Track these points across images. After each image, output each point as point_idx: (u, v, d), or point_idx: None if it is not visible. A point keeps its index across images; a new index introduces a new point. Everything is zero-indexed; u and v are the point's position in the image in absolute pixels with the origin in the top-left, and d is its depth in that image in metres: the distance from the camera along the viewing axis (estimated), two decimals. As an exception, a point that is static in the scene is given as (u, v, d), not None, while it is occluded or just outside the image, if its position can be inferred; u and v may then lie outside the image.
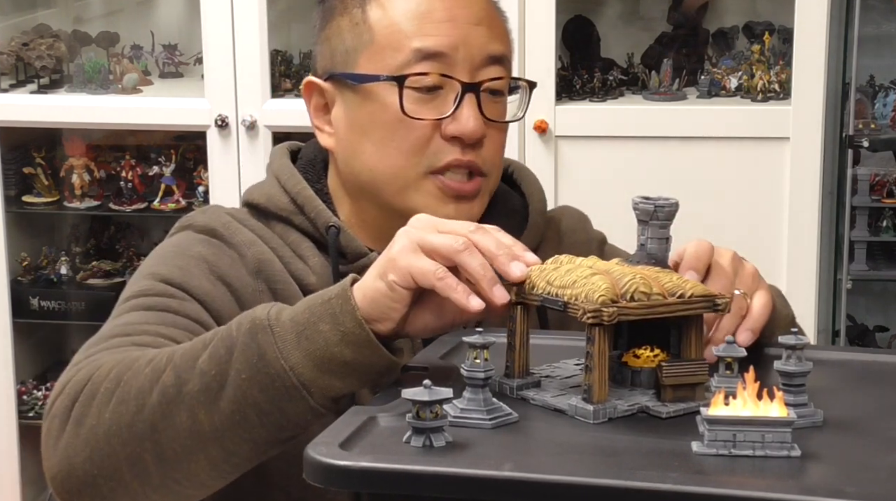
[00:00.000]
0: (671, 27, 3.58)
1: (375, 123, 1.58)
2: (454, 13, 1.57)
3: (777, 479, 1.04)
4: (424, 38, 1.56)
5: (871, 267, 3.48)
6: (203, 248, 1.56)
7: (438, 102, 1.57)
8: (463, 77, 1.57)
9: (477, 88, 1.57)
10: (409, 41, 1.56)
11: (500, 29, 1.62)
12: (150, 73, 3.73)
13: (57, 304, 3.67)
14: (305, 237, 1.59)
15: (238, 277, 1.55)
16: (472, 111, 1.57)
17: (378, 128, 1.58)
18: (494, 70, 1.60)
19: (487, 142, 1.59)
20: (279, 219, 1.60)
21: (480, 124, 1.57)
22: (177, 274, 1.53)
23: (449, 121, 1.57)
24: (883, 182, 3.50)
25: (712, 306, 1.20)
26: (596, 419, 1.15)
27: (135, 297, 1.51)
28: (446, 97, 1.57)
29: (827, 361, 1.32)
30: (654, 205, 1.26)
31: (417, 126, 1.57)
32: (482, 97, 1.58)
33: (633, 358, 1.22)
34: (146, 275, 1.54)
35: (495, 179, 1.63)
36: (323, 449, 1.08)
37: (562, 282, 1.20)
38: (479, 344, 1.15)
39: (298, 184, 1.61)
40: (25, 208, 3.71)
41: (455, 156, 1.57)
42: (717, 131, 3.25)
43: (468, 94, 1.57)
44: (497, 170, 1.63)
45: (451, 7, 1.57)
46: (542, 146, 3.29)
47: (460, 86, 1.57)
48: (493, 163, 1.61)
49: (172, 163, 3.67)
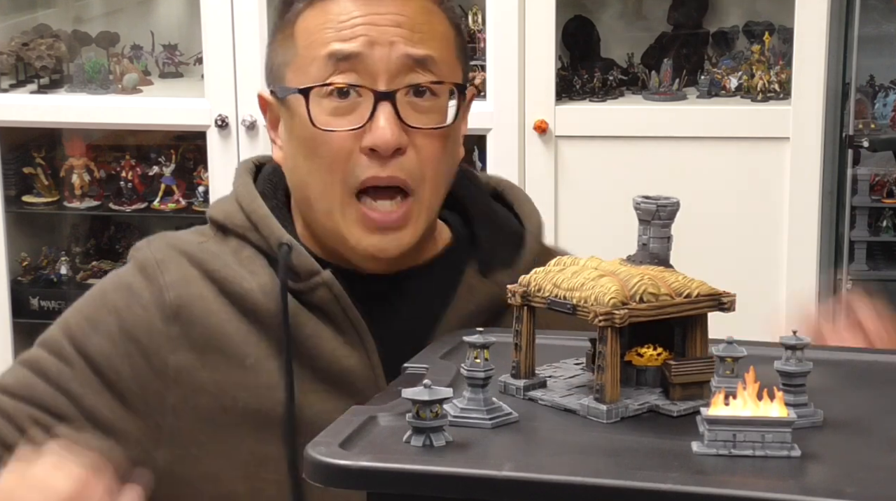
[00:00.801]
0: (671, 27, 3.58)
1: (298, 138, 1.52)
2: (371, 18, 1.49)
3: (777, 479, 1.04)
4: (337, 42, 1.49)
5: (871, 267, 3.48)
6: (119, 298, 1.55)
7: (356, 113, 1.49)
8: (380, 83, 1.48)
9: (392, 96, 1.48)
10: (323, 48, 1.49)
11: (428, 30, 1.52)
12: (150, 73, 3.74)
13: (57, 304, 3.67)
14: (259, 254, 1.55)
15: (147, 329, 1.53)
16: (387, 120, 1.47)
17: (300, 143, 1.52)
18: (417, 73, 1.49)
19: (412, 152, 1.49)
20: (235, 235, 1.57)
21: (397, 134, 1.47)
22: (83, 329, 1.55)
23: (364, 132, 1.48)
24: (883, 182, 3.50)
25: (718, 305, 1.20)
26: (609, 418, 1.15)
27: (40, 346, 1.57)
28: (363, 106, 1.48)
29: (827, 361, 1.32)
30: (656, 204, 1.26)
31: (334, 139, 1.49)
32: (403, 104, 1.48)
33: (637, 356, 1.22)
34: (61, 323, 1.58)
35: (429, 191, 1.51)
36: (323, 449, 1.08)
37: (569, 285, 1.20)
38: (479, 343, 1.15)
39: (254, 201, 1.57)
40: (25, 208, 3.71)
41: (373, 173, 1.48)
42: (717, 131, 3.26)
43: (382, 103, 1.47)
44: (431, 183, 1.51)
45: (369, 11, 1.50)
46: (542, 146, 3.29)
47: (373, 94, 1.48)
48: (420, 176, 1.50)
49: (172, 163, 3.67)
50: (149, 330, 1.53)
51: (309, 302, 1.52)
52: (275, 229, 1.55)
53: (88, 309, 1.57)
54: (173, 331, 1.52)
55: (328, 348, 1.52)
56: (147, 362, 1.52)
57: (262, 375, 1.51)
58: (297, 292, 1.52)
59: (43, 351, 1.56)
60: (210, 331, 1.52)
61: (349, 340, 1.52)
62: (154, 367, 1.52)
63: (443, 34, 1.54)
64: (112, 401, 1.52)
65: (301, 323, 1.52)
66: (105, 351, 1.53)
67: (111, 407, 1.52)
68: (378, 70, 1.48)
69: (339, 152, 1.49)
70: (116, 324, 1.54)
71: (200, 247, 1.57)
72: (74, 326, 1.56)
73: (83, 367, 1.53)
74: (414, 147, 1.49)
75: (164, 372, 1.52)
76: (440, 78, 1.51)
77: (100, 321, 1.55)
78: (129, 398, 1.52)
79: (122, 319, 1.54)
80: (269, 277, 1.53)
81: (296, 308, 1.52)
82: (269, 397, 1.51)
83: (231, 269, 1.54)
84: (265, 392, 1.51)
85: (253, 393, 1.51)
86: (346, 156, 1.48)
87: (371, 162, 1.48)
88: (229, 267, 1.54)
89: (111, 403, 1.52)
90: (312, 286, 1.52)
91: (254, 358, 1.52)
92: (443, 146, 1.52)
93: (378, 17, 1.49)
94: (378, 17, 1.49)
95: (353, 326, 1.52)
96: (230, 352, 1.52)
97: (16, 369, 1.57)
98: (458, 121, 1.54)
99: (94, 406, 1.52)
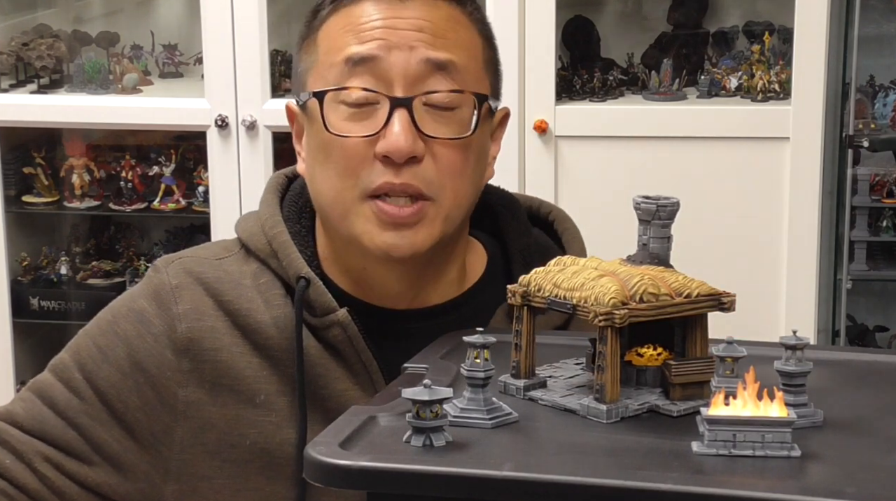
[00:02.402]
0: (671, 27, 3.58)
1: (315, 145, 1.49)
2: (391, 22, 1.46)
3: (777, 479, 1.04)
4: (355, 45, 1.46)
5: (871, 267, 3.48)
6: (130, 327, 1.53)
7: (372, 118, 1.45)
8: (397, 89, 1.44)
9: (409, 102, 1.44)
10: (341, 52, 1.46)
11: (453, 37, 1.48)
12: (150, 73, 3.73)
13: (57, 304, 3.67)
14: (278, 280, 1.53)
15: (157, 362, 1.51)
16: (402, 127, 1.43)
17: (317, 150, 1.49)
18: (437, 80, 1.45)
19: (429, 161, 1.45)
20: (257, 258, 1.55)
21: (412, 141, 1.43)
22: (94, 358, 1.53)
23: (379, 138, 1.45)
24: (883, 182, 3.50)
25: (718, 305, 1.20)
26: (609, 418, 1.15)
27: (51, 372, 1.56)
28: (380, 113, 1.45)
29: (827, 361, 1.32)
30: (656, 204, 1.26)
31: (348, 145, 1.45)
32: (420, 111, 1.45)
33: (637, 356, 1.22)
34: (72, 348, 1.56)
35: (449, 201, 1.47)
36: (323, 449, 1.08)
37: (569, 285, 1.20)
38: (479, 343, 1.15)
39: (276, 226, 1.54)
40: (25, 208, 3.71)
41: (387, 179, 1.44)
42: (717, 131, 3.26)
43: (399, 109, 1.44)
44: (451, 191, 1.47)
45: (389, 17, 1.46)
46: (542, 146, 3.29)
47: (389, 100, 1.44)
48: (439, 185, 1.45)
49: (172, 163, 3.67)
50: (160, 362, 1.51)
51: (323, 339, 1.50)
52: (294, 260, 1.51)
53: (100, 337, 1.55)
54: (184, 365, 1.51)
55: (339, 388, 1.50)
56: (156, 394, 1.51)
57: (271, 413, 1.50)
58: (311, 327, 1.50)
59: (54, 378, 1.55)
60: (221, 367, 1.50)
61: (360, 381, 1.50)
62: (163, 400, 1.51)
63: (468, 43, 1.50)
64: (121, 434, 1.52)
65: (313, 361, 1.50)
66: (115, 382, 1.52)
67: (120, 440, 1.52)
68: (395, 75, 1.45)
69: (352, 158, 1.45)
70: (126, 354, 1.52)
71: (220, 269, 1.54)
72: (85, 354, 1.54)
73: (93, 398, 1.52)
74: (432, 156, 1.45)
75: (173, 405, 1.51)
76: (462, 87, 1.47)
77: (110, 349, 1.53)
78: (137, 430, 1.51)
79: (133, 349, 1.52)
80: (283, 309, 1.51)
81: (309, 344, 1.49)
82: (276, 435, 1.50)
83: (246, 299, 1.52)
84: (274, 430, 1.50)
85: (262, 431, 1.50)
86: (359, 161, 1.45)
87: (385, 168, 1.44)
88: (244, 298, 1.52)
89: (120, 436, 1.52)
90: (327, 324, 1.50)
91: (264, 396, 1.50)
92: (463, 158, 1.47)
93: (399, 21, 1.46)
94: (399, 20, 1.46)
95: (366, 368, 1.50)
96: (240, 389, 1.50)
97: (26, 398, 1.55)
98: (480, 133, 1.49)
99: (103, 439, 1.51)
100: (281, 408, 1.50)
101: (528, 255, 1.57)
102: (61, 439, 1.52)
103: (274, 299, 1.52)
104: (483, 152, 1.51)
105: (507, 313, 1.51)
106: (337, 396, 1.49)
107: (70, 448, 1.52)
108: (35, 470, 1.51)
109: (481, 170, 1.52)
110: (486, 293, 1.56)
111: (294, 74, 1.55)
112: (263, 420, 1.49)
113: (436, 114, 1.46)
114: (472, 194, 1.51)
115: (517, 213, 1.63)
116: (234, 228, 1.59)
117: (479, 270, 1.58)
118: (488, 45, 1.54)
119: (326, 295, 1.50)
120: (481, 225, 1.62)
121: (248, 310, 1.51)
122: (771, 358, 1.17)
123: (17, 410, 1.55)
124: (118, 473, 1.51)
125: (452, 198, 1.47)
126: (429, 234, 1.47)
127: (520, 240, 1.60)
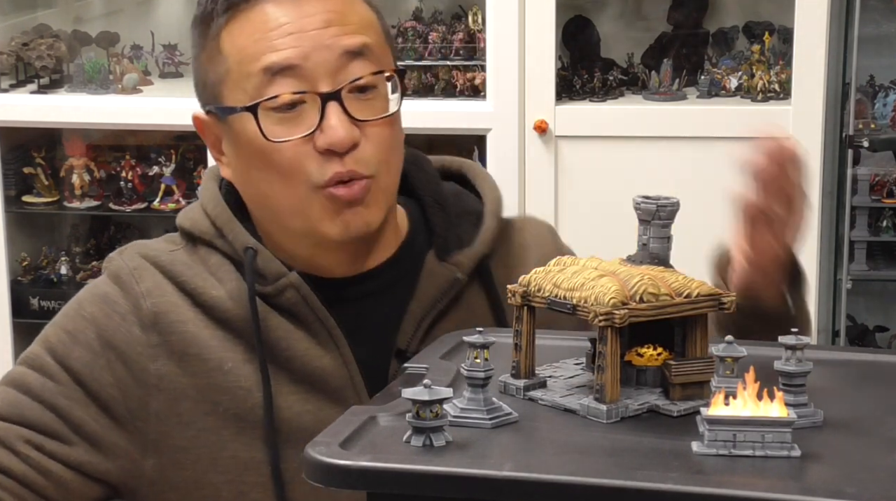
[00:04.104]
0: (671, 27, 3.58)
1: (249, 154, 1.52)
2: (300, 24, 1.49)
3: (777, 479, 1.04)
4: (271, 54, 1.48)
5: (871, 267, 3.48)
6: (96, 309, 1.56)
7: (304, 117, 1.49)
8: (322, 85, 1.48)
9: (338, 95, 1.48)
10: (257, 62, 1.49)
11: (356, 21, 1.52)
12: (150, 73, 3.74)
13: (57, 304, 3.67)
14: (226, 259, 1.56)
15: (126, 339, 1.54)
16: (338, 119, 1.48)
17: (253, 158, 1.52)
18: (357, 66, 1.50)
19: (365, 143, 1.50)
20: (203, 242, 1.58)
21: (349, 130, 1.48)
22: (64, 343, 1.56)
23: (318, 134, 1.48)
24: (883, 182, 3.51)
25: (718, 305, 1.20)
26: (609, 418, 1.15)
27: (22, 364, 1.57)
28: (310, 110, 1.49)
29: (827, 361, 1.32)
30: (656, 204, 1.26)
31: (287, 148, 1.49)
32: (348, 100, 1.49)
33: (637, 356, 1.22)
34: (41, 340, 1.58)
35: (387, 175, 1.53)
36: (323, 449, 1.08)
37: (569, 285, 1.20)
38: (479, 343, 1.15)
39: (218, 206, 1.59)
40: (25, 208, 3.71)
41: (336, 170, 1.49)
42: (717, 131, 3.26)
43: (330, 103, 1.48)
44: (386, 166, 1.53)
45: (295, 18, 1.49)
46: (542, 146, 3.29)
47: (319, 97, 1.48)
48: (377, 162, 1.51)
49: (172, 163, 3.67)
50: (128, 338, 1.54)
51: (278, 305, 1.53)
52: (239, 234, 1.55)
53: (67, 323, 1.58)
54: (153, 339, 1.53)
55: (300, 349, 1.52)
56: (128, 370, 1.53)
57: (240, 379, 1.52)
58: (265, 295, 1.53)
59: (26, 368, 1.56)
60: (188, 337, 1.53)
61: (321, 340, 1.53)
62: (135, 375, 1.53)
63: (369, 20, 1.54)
64: (98, 412, 1.53)
65: (272, 327, 1.52)
66: (87, 362, 1.54)
67: (97, 419, 1.53)
68: (318, 73, 1.48)
69: (294, 159, 1.49)
70: (96, 334, 1.55)
71: (171, 257, 1.58)
72: (54, 340, 1.56)
73: (67, 380, 1.54)
74: (366, 138, 1.50)
75: (145, 379, 1.53)
76: (377, 66, 1.51)
77: (79, 332, 1.55)
78: (113, 407, 1.53)
79: (101, 328, 1.55)
80: (236, 283, 1.54)
81: (265, 311, 1.52)
82: (247, 400, 1.52)
83: (200, 278, 1.55)
84: (244, 394, 1.52)
85: (233, 397, 1.52)
86: (301, 160, 1.49)
87: (329, 161, 1.49)
88: (198, 277, 1.55)
89: (97, 414, 1.53)
90: (280, 288, 1.53)
91: (231, 363, 1.52)
92: (392, 132, 1.53)
93: (307, 21, 1.49)
94: (307, 20, 1.49)
95: (324, 325, 1.53)
96: (208, 357, 1.52)
97: (1, 390, 1.57)
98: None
99: (81, 418, 1.53)
100: (248, 375, 1.52)
101: (442, 199, 1.63)
102: (39, 421, 1.53)
103: (226, 275, 1.55)
104: (400, 119, 1.57)
105: (437, 256, 1.58)
106: (300, 356, 1.52)
107: (49, 429, 1.53)
108: (17, 453, 1.52)
109: (402, 137, 1.58)
110: (416, 245, 1.61)
111: (199, 84, 1.57)
112: (234, 386, 1.52)
113: (361, 97, 1.50)
114: (401, 162, 1.58)
115: (423, 165, 1.68)
116: (176, 221, 1.63)
117: (404, 227, 1.63)
118: (380, 17, 1.58)
119: (275, 262, 1.54)
120: None
121: (202, 288, 1.55)
122: (771, 358, 1.17)
123: None
124: (98, 452, 1.53)
125: (390, 172, 1.54)
126: (378, 210, 1.52)
127: (430, 187, 1.65)
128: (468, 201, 1.66)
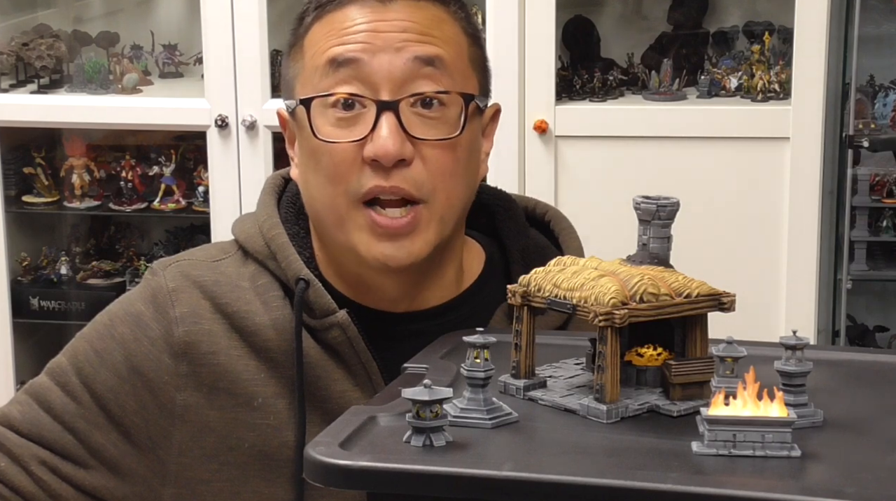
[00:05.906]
0: (671, 27, 3.58)
1: (306, 151, 1.48)
2: (376, 25, 1.45)
3: (777, 479, 1.04)
4: (338, 47, 1.45)
5: (871, 267, 3.48)
6: (127, 330, 1.53)
7: (359, 122, 1.44)
8: (383, 93, 1.43)
9: (395, 105, 1.43)
10: (324, 55, 1.46)
11: (438, 35, 1.47)
12: (150, 73, 3.74)
13: (57, 304, 3.67)
14: (276, 282, 1.52)
15: (154, 366, 1.50)
16: (389, 131, 1.42)
17: (308, 157, 1.48)
18: (424, 81, 1.44)
19: (419, 163, 1.43)
20: (254, 260, 1.54)
21: (400, 144, 1.42)
22: (91, 363, 1.53)
23: (367, 142, 1.43)
24: (883, 182, 3.50)
25: (718, 305, 1.20)
26: (609, 418, 1.15)
27: (48, 375, 1.55)
28: (367, 116, 1.44)
29: (827, 361, 1.32)
30: (656, 204, 1.26)
31: (337, 150, 1.44)
32: (407, 113, 1.44)
33: (637, 356, 1.22)
34: (69, 351, 1.55)
35: (442, 204, 1.46)
36: (323, 449, 1.08)
37: (569, 285, 1.20)
38: (479, 343, 1.15)
39: (274, 228, 1.53)
40: (25, 208, 3.71)
41: (376, 183, 1.43)
42: (717, 131, 3.26)
43: (385, 113, 1.43)
44: (444, 194, 1.45)
45: (374, 18, 1.45)
46: (542, 146, 3.29)
47: (375, 104, 1.43)
48: (431, 188, 1.44)
49: (172, 163, 3.67)
50: (156, 366, 1.51)
51: (322, 341, 1.49)
52: (292, 262, 1.50)
53: (97, 341, 1.54)
54: (182, 369, 1.50)
55: (337, 390, 1.49)
56: (153, 398, 1.51)
57: (269, 416, 1.49)
58: (310, 329, 1.49)
59: (51, 382, 1.54)
60: (219, 370, 1.50)
61: (359, 382, 1.49)
62: (160, 404, 1.51)
63: (454, 41, 1.49)
64: (118, 438, 1.51)
65: (312, 362, 1.49)
66: (112, 386, 1.52)
67: (117, 444, 1.51)
68: (381, 79, 1.44)
69: (341, 163, 1.44)
70: (123, 357, 1.52)
71: (217, 271, 1.53)
72: (82, 358, 1.54)
73: (90, 403, 1.52)
74: (421, 158, 1.44)
75: (170, 409, 1.50)
76: (448, 86, 1.45)
77: (107, 353, 1.52)
78: (134, 434, 1.51)
79: (130, 353, 1.52)
80: (283, 312, 1.50)
81: (308, 345, 1.49)
82: (275, 438, 1.49)
83: (244, 302, 1.51)
84: (273, 432, 1.49)
85: (261, 434, 1.49)
86: (348, 166, 1.44)
87: (375, 172, 1.43)
88: (242, 299, 1.51)
89: (117, 440, 1.51)
90: (327, 325, 1.49)
91: (262, 399, 1.49)
92: (453, 158, 1.46)
93: (383, 24, 1.45)
94: (383, 23, 1.45)
95: (365, 368, 1.49)
96: (238, 392, 1.49)
97: (23, 401, 1.55)
98: (469, 132, 1.47)
99: (100, 443, 1.51)
100: (279, 411, 1.49)
101: (528, 255, 1.56)
102: (58, 443, 1.51)
103: (272, 301, 1.51)
104: (474, 150, 1.50)
105: (506, 313, 1.51)
106: (336, 398, 1.49)
107: (66, 451, 1.51)
108: (31, 473, 1.51)
109: (473, 169, 1.51)
110: (485, 293, 1.55)
111: (283, 81, 1.55)
112: (262, 423, 1.49)
113: (423, 115, 1.45)
114: (466, 194, 1.50)
115: (514, 213, 1.62)
116: (231, 230, 1.59)
117: (476, 270, 1.58)
118: (474, 43, 1.53)
119: (326, 297, 1.49)
120: (477, 224, 1.62)
121: (246, 313, 1.50)
122: (771, 358, 1.17)
123: (13, 413, 1.54)
124: (115, 477, 1.51)
125: (445, 200, 1.46)
126: (425, 240, 1.46)
127: (518, 239, 1.59)
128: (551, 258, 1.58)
